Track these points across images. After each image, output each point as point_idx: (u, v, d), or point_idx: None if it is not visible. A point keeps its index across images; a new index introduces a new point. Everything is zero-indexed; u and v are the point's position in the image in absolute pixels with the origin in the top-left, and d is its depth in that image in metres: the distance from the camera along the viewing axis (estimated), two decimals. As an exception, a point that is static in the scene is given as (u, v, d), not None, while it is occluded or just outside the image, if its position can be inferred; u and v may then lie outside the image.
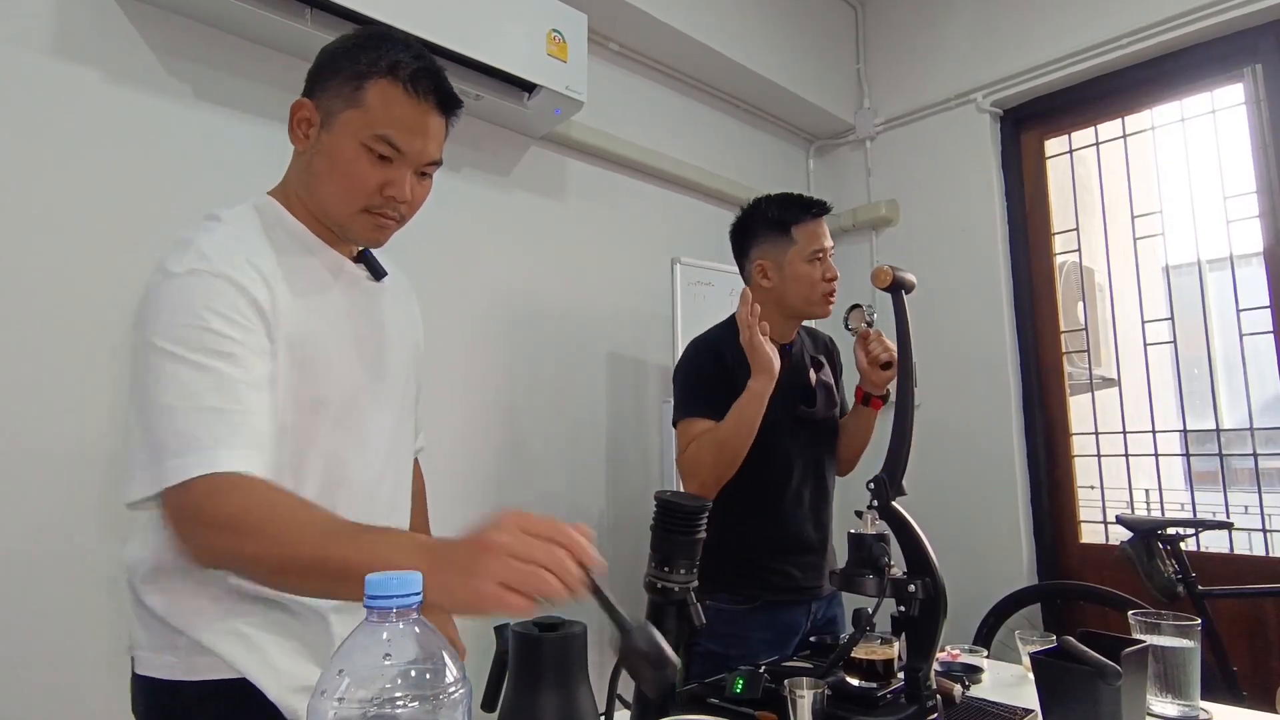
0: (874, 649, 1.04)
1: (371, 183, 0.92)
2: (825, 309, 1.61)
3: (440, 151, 0.98)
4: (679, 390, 1.58)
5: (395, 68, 0.92)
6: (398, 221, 0.98)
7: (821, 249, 1.59)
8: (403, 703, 0.46)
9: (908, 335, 1.10)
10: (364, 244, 1.02)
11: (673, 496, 0.90)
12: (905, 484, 1.04)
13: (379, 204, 0.94)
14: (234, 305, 0.83)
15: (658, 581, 0.90)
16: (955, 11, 2.90)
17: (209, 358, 0.79)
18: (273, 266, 0.90)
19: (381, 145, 0.91)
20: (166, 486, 0.74)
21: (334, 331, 0.95)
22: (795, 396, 1.58)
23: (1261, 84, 2.30)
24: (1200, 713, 1.02)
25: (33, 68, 1.43)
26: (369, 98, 0.91)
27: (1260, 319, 2.29)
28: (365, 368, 0.99)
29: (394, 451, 1.05)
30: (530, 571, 0.59)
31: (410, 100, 0.92)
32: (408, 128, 0.92)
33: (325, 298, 0.96)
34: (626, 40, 2.47)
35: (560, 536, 0.61)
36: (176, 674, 0.87)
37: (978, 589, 2.45)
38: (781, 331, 1.63)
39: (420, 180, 0.98)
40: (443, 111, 0.97)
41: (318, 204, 0.96)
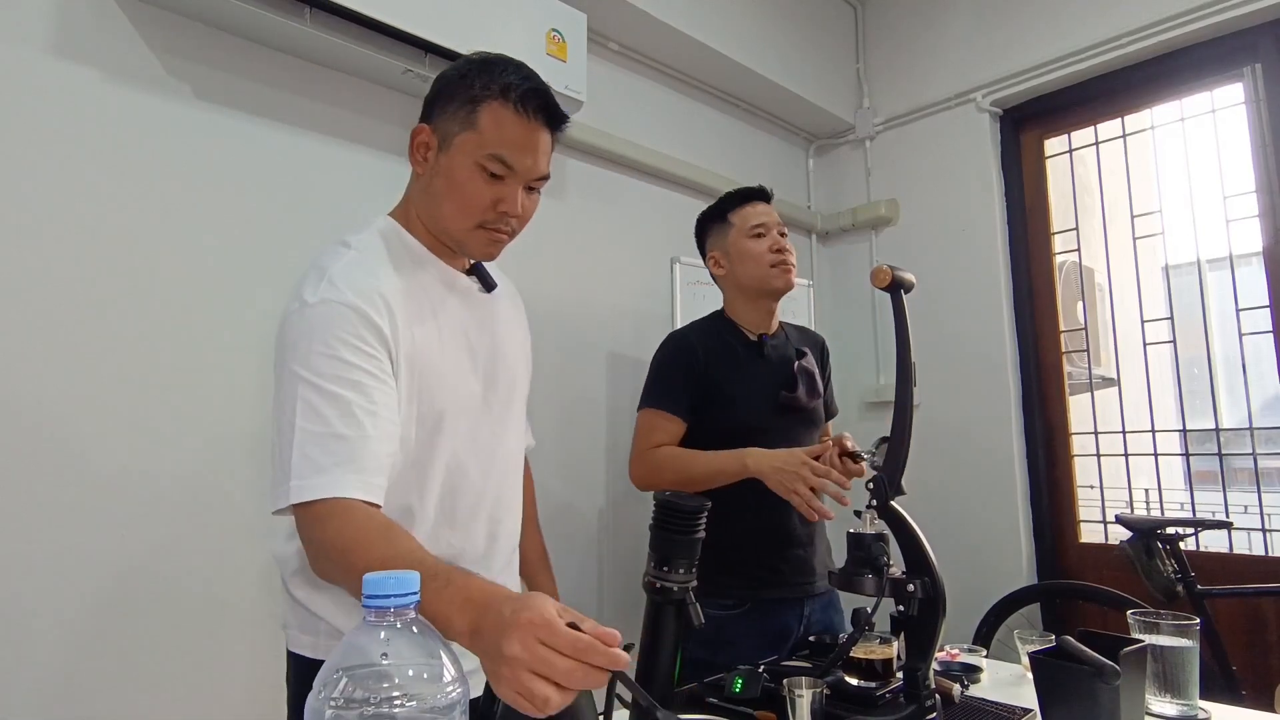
0: (873, 648, 1.04)
1: (486, 199, 0.99)
2: (782, 279, 1.61)
3: (548, 166, 1.04)
4: (649, 378, 1.62)
5: (506, 90, 0.97)
6: (510, 235, 1.04)
7: (760, 224, 1.63)
8: (400, 703, 0.46)
9: (907, 335, 1.10)
10: (479, 258, 1.08)
11: (672, 496, 0.90)
12: (904, 484, 1.04)
13: (493, 220, 1.00)
14: (359, 335, 0.90)
15: (657, 581, 0.90)
16: (955, 11, 2.89)
17: (338, 385, 0.87)
18: (394, 289, 0.96)
19: (495, 164, 0.97)
20: (292, 504, 0.83)
21: (450, 345, 1.02)
22: (778, 382, 1.58)
23: (1261, 83, 2.30)
24: (1199, 712, 1.02)
25: (31, 67, 1.43)
26: (482, 120, 0.97)
27: (1260, 318, 2.29)
28: (480, 377, 1.06)
29: (507, 453, 1.11)
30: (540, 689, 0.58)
31: (520, 120, 0.98)
32: (519, 146, 0.98)
33: (442, 313, 1.02)
34: (626, 40, 2.47)
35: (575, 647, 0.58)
36: (318, 653, 0.98)
37: (977, 588, 2.45)
38: (756, 319, 1.65)
39: (530, 195, 1.03)
40: (551, 128, 1.02)
41: (436, 222, 1.03)
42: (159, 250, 1.53)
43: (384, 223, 1.05)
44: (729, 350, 1.61)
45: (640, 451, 1.58)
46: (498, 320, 1.12)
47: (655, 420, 1.57)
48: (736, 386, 1.57)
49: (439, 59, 1.81)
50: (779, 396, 1.57)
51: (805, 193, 3.21)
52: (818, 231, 3.19)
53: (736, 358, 1.61)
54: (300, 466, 0.84)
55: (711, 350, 1.59)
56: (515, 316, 1.21)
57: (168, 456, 1.50)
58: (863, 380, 3.08)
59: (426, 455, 0.98)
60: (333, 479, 0.83)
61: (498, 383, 1.09)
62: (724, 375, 1.58)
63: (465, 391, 1.03)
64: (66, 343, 1.42)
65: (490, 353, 1.08)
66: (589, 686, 0.59)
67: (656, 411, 1.57)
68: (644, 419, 1.59)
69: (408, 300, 0.97)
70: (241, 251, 1.62)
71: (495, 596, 0.66)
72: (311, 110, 1.77)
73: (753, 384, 1.58)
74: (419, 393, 0.96)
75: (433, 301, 1.01)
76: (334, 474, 0.83)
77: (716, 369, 1.57)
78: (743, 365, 1.60)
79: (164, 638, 1.46)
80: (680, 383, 1.57)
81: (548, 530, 2.17)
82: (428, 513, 0.99)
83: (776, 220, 1.66)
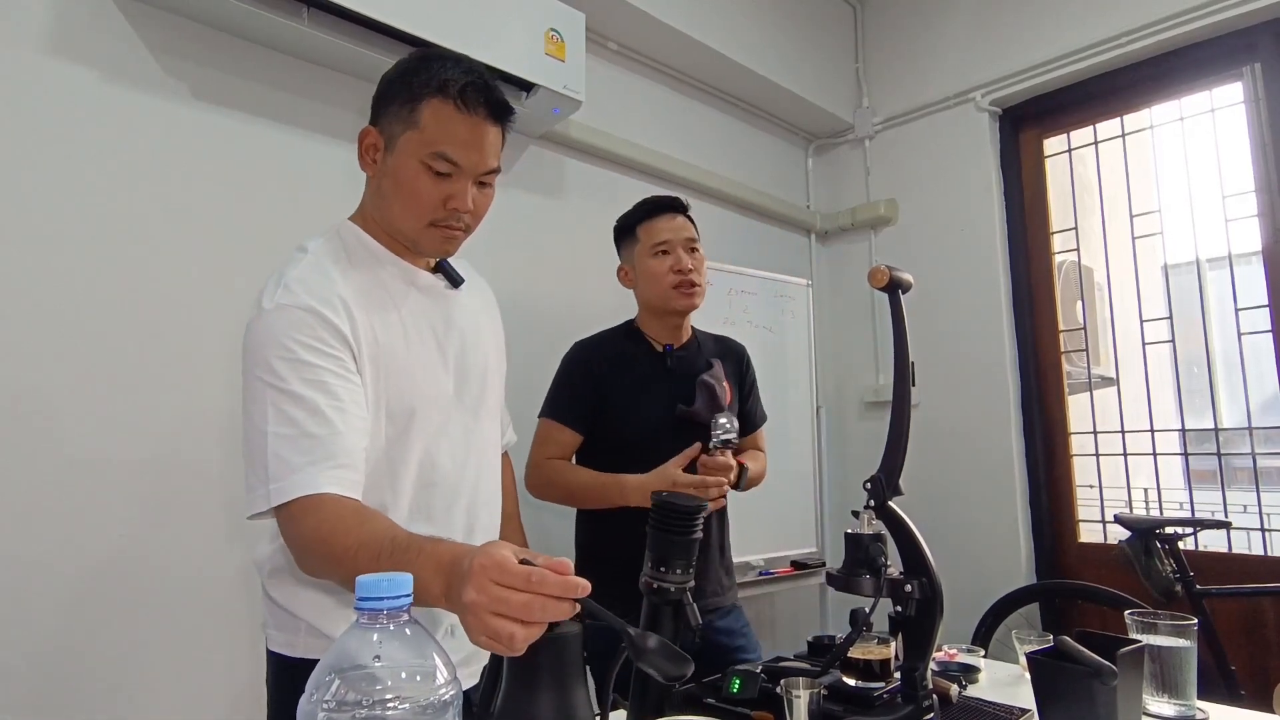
0: (871, 649, 1.04)
1: (435, 198, 0.98)
2: (682, 302, 1.58)
3: (498, 159, 1.03)
4: (551, 387, 1.63)
5: (445, 86, 0.96)
6: (464, 231, 1.04)
7: (663, 241, 1.59)
8: (393, 705, 0.46)
9: (905, 334, 1.09)
10: (435, 255, 1.08)
11: (669, 497, 0.90)
12: (902, 484, 1.04)
13: (444, 217, 1.00)
14: (318, 336, 0.91)
15: (654, 582, 0.90)
16: (954, 10, 2.89)
17: (303, 387, 0.88)
18: (353, 290, 0.97)
19: (439, 162, 0.97)
20: (271, 507, 0.85)
21: (416, 341, 1.02)
22: (678, 395, 1.55)
23: (1260, 83, 2.30)
24: (1197, 712, 1.02)
25: (29, 67, 1.42)
26: (423, 118, 0.96)
27: (1259, 318, 2.29)
28: (450, 372, 1.06)
29: (482, 448, 1.12)
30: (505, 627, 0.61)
31: (461, 115, 0.97)
32: (462, 142, 0.97)
33: (405, 310, 1.02)
34: (625, 39, 2.47)
35: (528, 583, 0.61)
36: (298, 652, 0.98)
37: (975, 588, 2.45)
38: (664, 332, 1.63)
39: (481, 190, 1.03)
40: (496, 120, 1.01)
41: (389, 223, 1.03)
42: (156, 248, 1.53)
43: (343, 225, 1.05)
44: (630, 362, 1.58)
45: (535, 461, 1.57)
46: (466, 315, 1.12)
47: (550, 431, 1.57)
48: (632, 399, 1.54)
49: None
50: (676, 409, 1.53)
51: (804, 192, 3.21)
52: (817, 231, 3.19)
53: (637, 370, 1.58)
54: (276, 469, 0.85)
55: (612, 361, 1.57)
56: (485, 311, 1.21)
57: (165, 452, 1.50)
58: (861, 380, 3.08)
59: (399, 452, 0.98)
60: (307, 476, 0.84)
61: (469, 377, 1.09)
62: (621, 387, 1.55)
63: (435, 387, 1.03)
64: (66, 342, 1.42)
65: (460, 348, 1.08)
66: (551, 618, 0.61)
67: (551, 422, 1.57)
68: (541, 429, 1.59)
69: (368, 299, 0.98)
70: (237, 250, 1.62)
71: (460, 555, 0.68)
72: (309, 110, 1.77)
73: (651, 397, 1.55)
74: (387, 390, 0.97)
75: (394, 299, 1.02)
76: (308, 472, 0.85)
77: (614, 381, 1.55)
78: (643, 378, 1.57)
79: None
80: (576, 394, 1.56)
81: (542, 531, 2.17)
82: (402, 509, 0.99)
83: (685, 236, 1.59)
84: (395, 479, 0.99)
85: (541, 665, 0.68)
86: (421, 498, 1.01)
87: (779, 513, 2.47)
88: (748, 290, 2.54)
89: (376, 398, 0.96)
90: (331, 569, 0.83)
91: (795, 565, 2.55)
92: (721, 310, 2.41)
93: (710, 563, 1.56)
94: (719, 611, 1.56)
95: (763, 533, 2.41)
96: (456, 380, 1.07)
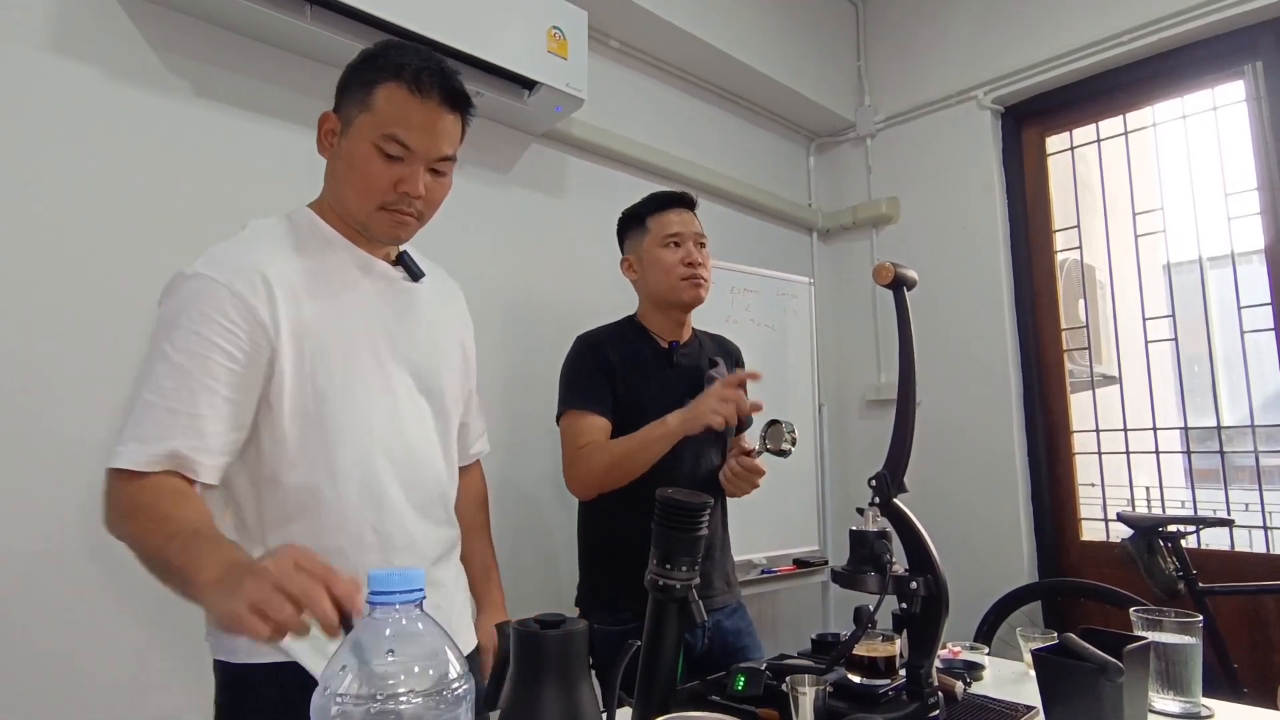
0: (876, 646, 1.04)
1: (384, 180, 0.98)
2: (690, 294, 1.58)
3: (453, 148, 1.03)
4: (564, 385, 1.57)
5: (400, 70, 0.97)
6: (416, 217, 1.03)
7: (675, 234, 1.59)
8: (406, 699, 0.46)
9: (909, 332, 1.09)
10: (387, 241, 1.06)
11: (674, 494, 0.90)
12: (906, 481, 1.04)
13: (394, 200, 0.99)
14: (223, 311, 0.90)
15: (659, 579, 0.90)
16: (956, 8, 2.89)
17: (187, 359, 0.88)
18: (288, 270, 0.96)
19: (390, 144, 0.97)
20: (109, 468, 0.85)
21: (357, 327, 1.01)
22: (684, 392, 1.53)
23: (1262, 81, 2.30)
24: (1202, 709, 1.02)
25: (31, 65, 1.42)
26: (377, 100, 0.97)
27: (1261, 316, 2.29)
28: (396, 362, 1.04)
29: (432, 444, 1.09)
30: (279, 601, 0.62)
31: (414, 99, 0.97)
32: (414, 125, 0.97)
33: (350, 294, 1.02)
34: (627, 37, 2.47)
35: (326, 576, 0.63)
36: (240, 657, 0.95)
37: (979, 586, 2.45)
38: (667, 327, 1.62)
39: (436, 178, 1.03)
40: (451, 108, 1.01)
41: (342, 206, 1.03)
42: (157, 245, 1.53)
43: (297, 210, 1.06)
44: (639, 356, 1.57)
45: (571, 453, 1.50)
46: (424, 310, 1.11)
47: (581, 421, 1.50)
48: (645, 394, 1.52)
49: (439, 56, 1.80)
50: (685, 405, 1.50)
51: (806, 190, 3.21)
52: (818, 229, 3.19)
53: (646, 364, 1.56)
54: (128, 432, 0.85)
55: (622, 353, 1.55)
56: (448, 307, 1.20)
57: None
58: (864, 378, 3.07)
59: (333, 433, 0.96)
60: (151, 452, 0.84)
61: (419, 370, 1.07)
62: (634, 381, 1.53)
63: (371, 372, 1.01)
64: (68, 340, 1.42)
65: (411, 340, 1.07)
66: (323, 617, 0.62)
67: (581, 413, 1.50)
68: (569, 423, 1.52)
69: (304, 280, 0.97)
70: (242, 249, 1.62)
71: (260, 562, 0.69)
72: (311, 108, 1.74)
73: (661, 392, 1.53)
74: (313, 370, 0.96)
75: (339, 283, 1.01)
76: (154, 447, 0.84)
77: (628, 374, 1.53)
78: (652, 373, 1.56)
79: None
80: (596, 381, 1.52)
81: (542, 534, 2.17)
82: (343, 496, 0.97)
83: (695, 230, 1.61)
84: (331, 464, 0.96)
85: (547, 662, 0.68)
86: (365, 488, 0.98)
87: (781, 511, 2.47)
88: (749, 288, 2.54)
89: (297, 376, 0.94)
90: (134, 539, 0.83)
91: (797, 563, 2.55)
92: (723, 308, 2.41)
93: (715, 561, 1.56)
94: (725, 610, 1.55)
95: (765, 531, 2.41)
96: (403, 370, 1.05)
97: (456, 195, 2.06)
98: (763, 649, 1.58)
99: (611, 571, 1.50)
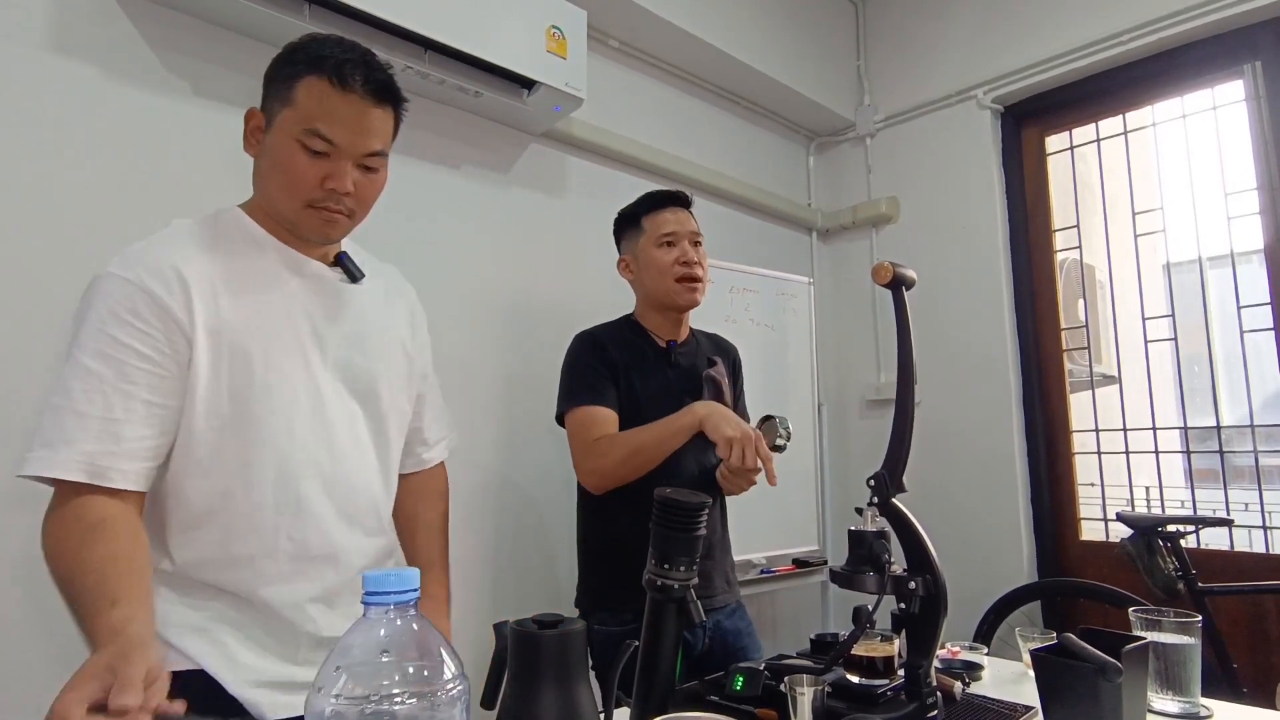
0: (874, 646, 1.04)
1: (309, 177, 0.94)
2: (685, 297, 1.57)
3: (383, 143, 0.98)
4: (566, 381, 1.56)
5: (321, 63, 0.93)
6: (346, 215, 0.99)
7: (670, 233, 1.59)
8: (400, 699, 0.45)
9: (908, 332, 1.09)
10: (318, 239, 1.02)
11: (672, 493, 0.90)
12: (905, 481, 1.04)
13: (321, 198, 0.96)
14: (135, 310, 0.87)
15: (658, 579, 0.90)
16: (956, 7, 2.89)
17: (98, 361, 0.85)
18: (207, 267, 0.93)
19: (314, 140, 0.93)
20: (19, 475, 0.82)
21: (282, 327, 0.97)
22: (684, 391, 1.54)
23: (1261, 80, 2.30)
24: (1201, 709, 1.02)
25: (29, 64, 1.42)
26: (298, 94, 0.93)
27: (1261, 316, 2.29)
28: (326, 363, 1.00)
29: (363, 449, 1.05)
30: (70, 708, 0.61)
31: (337, 93, 0.93)
32: (337, 120, 0.93)
33: (275, 294, 0.98)
34: (626, 37, 2.46)
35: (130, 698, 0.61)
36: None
37: (978, 586, 2.45)
38: (665, 327, 1.62)
39: (366, 174, 0.98)
40: (377, 101, 0.96)
41: (270, 204, 0.99)
42: (158, 247, 1.52)
43: (225, 209, 1.02)
44: (640, 354, 1.57)
45: (584, 446, 1.48)
46: (363, 312, 1.07)
47: (589, 415, 1.48)
48: (644, 393, 1.52)
49: (439, 56, 1.80)
50: (683, 404, 1.49)
51: (806, 190, 3.21)
52: (818, 229, 3.19)
53: (645, 364, 1.56)
54: (36, 439, 0.83)
55: (622, 351, 1.55)
56: (393, 308, 1.14)
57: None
58: (863, 378, 3.07)
59: (247, 438, 0.93)
60: (59, 458, 0.81)
61: (351, 373, 1.03)
62: (634, 380, 1.53)
63: (295, 374, 0.97)
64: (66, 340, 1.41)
65: (345, 343, 1.03)
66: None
67: (588, 407, 1.48)
68: (576, 418, 1.50)
69: (225, 277, 0.94)
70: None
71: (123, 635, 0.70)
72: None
73: (660, 392, 1.53)
74: (229, 370, 0.92)
75: (264, 282, 0.97)
76: (62, 452, 0.81)
77: (626, 371, 1.53)
78: (651, 372, 1.56)
79: None
80: (600, 376, 1.51)
81: (541, 534, 2.17)
82: (255, 500, 0.93)
83: (690, 229, 1.60)
84: (247, 467, 0.93)
85: (544, 662, 0.68)
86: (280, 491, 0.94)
87: (780, 511, 2.47)
88: (749, 288, 2.54)
89: (213, 375, 0.91)
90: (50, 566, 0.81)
91: (797, 563, 2.55)
92: (723, 308, 2.41)
93: (715, 561, 1.55)
94: (725, 610, 1.55)
95: (764, 531, 2.40)
96: (333, 373, 1.01)
97: (456, 195, 2.08)
98: (763, 649, 1.58)
99: (612, 572, 1.50)
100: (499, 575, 2.03)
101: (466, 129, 2.08)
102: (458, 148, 2.06)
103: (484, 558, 2.01)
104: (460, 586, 2.01)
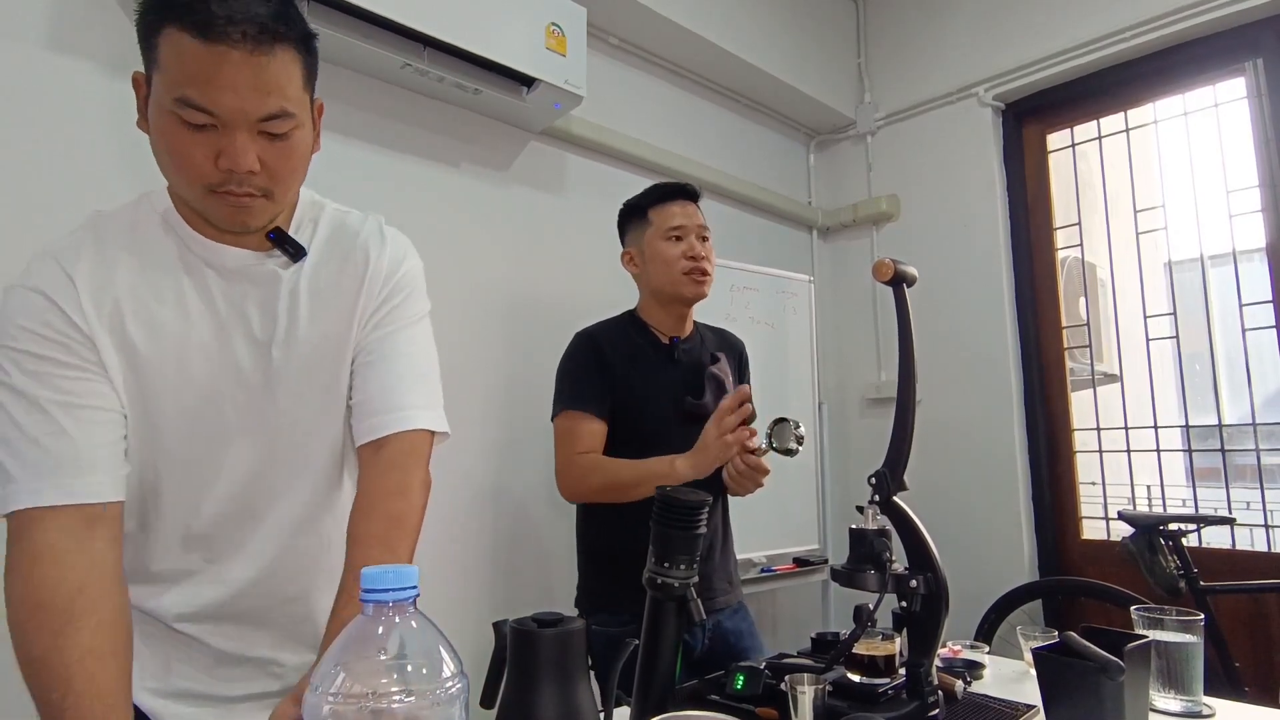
0: (875, 644, 1.03)
1: (197, 157, 0.75)
2: (692, 289, 1.56)
3: (283, 100, 0.76)
4: (560, 382, 1.55)
5: (171, 7, 0.71)
6: (262, 195, 0.80)
7: (677, 226, 1.57)
8: (399, 698, 0.45)
9: (909, 330, 1.09)
10: (233, 228, 0.84)
11: (672, 492, 0.89)
12: (906, 479, 1.04)
13: (220, 181, 0.77)
14: (45, 321, 0.78)
15: (657, 577, 0.89)
16: (956, 5, 2.88)
17: (23, 380, 0.76)
18: (102, 271, 0.81)
19: (188, 111, 0.73)
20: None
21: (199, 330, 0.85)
22: (684, 388, 1.53)
23: (1263, 78, 2.29)
24: (1204, 708, 1.02)
25: (27, 61, 1.42)
26: (162, 53, 0.73)
27: (1263, 314, 2.28)
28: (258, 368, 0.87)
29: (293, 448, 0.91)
30: None
31: (203, 45, 0.70)
32: (209, 81, 0.71)
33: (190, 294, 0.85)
34: (626, 34, 2.46)
35: None
36: None
37: (979, 585, 2.45)
38: (669, 322, 1.60)
39: (274, 141, 0.77)
40: (261, 46, 0.72)
41: (175, 190, 0.84)
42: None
43: (152, 192, 0.88)
44: (639, 351, 1.55)
45: (566, 460, 1.48)
46: (305, 298, 0.89)
47: (576, 423, 1.47)
48: (642, 390, 1.50)
49: (437, 53, 1.80)
50: (684, 403, 1.51)
51: (806, 188, 3.20)
52: (818, 227, 3.18)
53: (647, 360, 1.54)
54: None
55: (621, 350, 1.53)
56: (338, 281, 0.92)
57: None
58: (864, 376, 3.07)
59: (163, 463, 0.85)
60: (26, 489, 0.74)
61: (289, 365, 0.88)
62: (632, 378, 1.51)
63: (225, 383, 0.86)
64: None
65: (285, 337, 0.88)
66: None
67: (575, 414, 1.47)
68: (563, 424, 1.49)
69: (138, 280, 0.82)
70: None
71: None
72: (310, 105, 1.76)
73: (661, 388, 1.51)
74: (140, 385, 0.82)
75: (178, 280, 0.84)
76: (27, 484, 0.74)
77: (625, 370, 1.51)
78: (652, 368, 1.54)
79: None
80: (593, 380, 1.49)
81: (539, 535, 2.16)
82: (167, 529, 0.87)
83: (698, 223, 1.58)
84: (158, 495, 0.85)
85: (544, 660, 0.68)
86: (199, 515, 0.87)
87: (781, 510, 2.47)
88: (750, 286, 2.53)
89: (127, 394, 0.81)
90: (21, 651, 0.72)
91: (797, 562, 2.55)
92: (723, 306, 2.41)
93: (716, 561, 1.55)
94: (726, 610, 1.54)
95: (765, 530, 2.40)
96: (270, 376, 0.87)
97: (455, 192, 2.08)
98: (765, 649, 1.57)
99: (611, 573, 1.49)
100: (498, 574, 2.03)
101: (466, 126, 2.07)
102: (457, 145, 2.06)
103: (483, 556, 2.00)
104: (460, 586, 2.02)
